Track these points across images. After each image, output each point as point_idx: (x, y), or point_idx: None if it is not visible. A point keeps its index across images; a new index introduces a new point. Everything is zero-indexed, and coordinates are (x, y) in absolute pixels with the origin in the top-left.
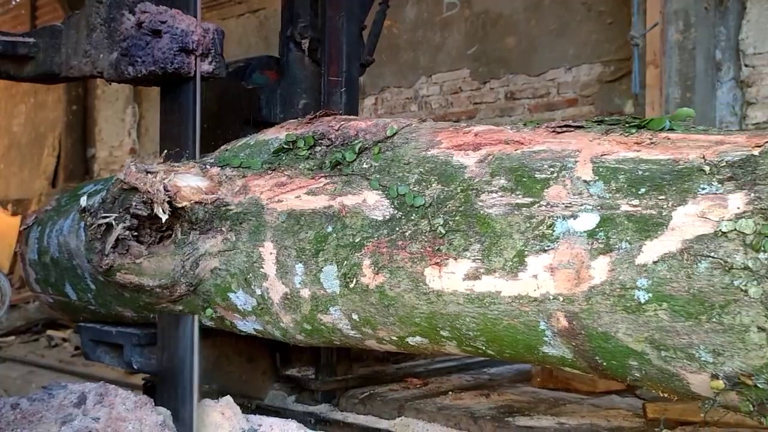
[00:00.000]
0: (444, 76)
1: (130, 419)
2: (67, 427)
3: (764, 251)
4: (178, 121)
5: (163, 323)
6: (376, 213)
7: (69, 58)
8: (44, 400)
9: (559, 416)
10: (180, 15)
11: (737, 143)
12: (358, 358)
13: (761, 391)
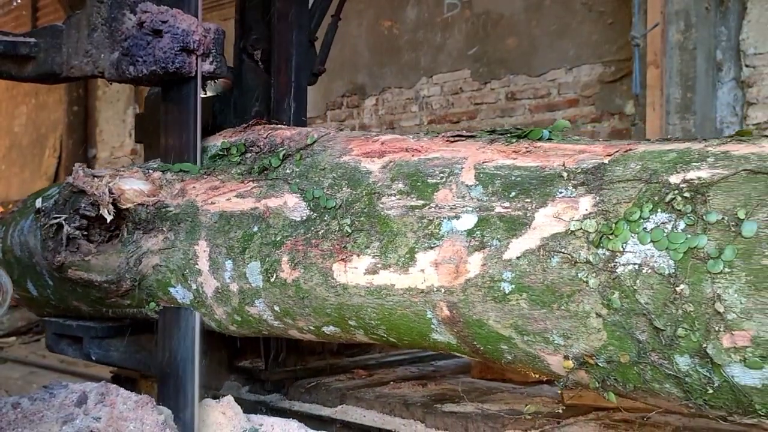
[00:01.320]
0: (445, 76)
1: (131, 419)
2: (68, 426)
3: (602, 247)
4: (179, 120)
5: (164, 323)
6: (295, 214)
7: (70, 58)
8: (45, 399)
9: (485, 403)
10: (181, 15)
11: (594, 152)
12: (313, 351)
13: (602, 369)
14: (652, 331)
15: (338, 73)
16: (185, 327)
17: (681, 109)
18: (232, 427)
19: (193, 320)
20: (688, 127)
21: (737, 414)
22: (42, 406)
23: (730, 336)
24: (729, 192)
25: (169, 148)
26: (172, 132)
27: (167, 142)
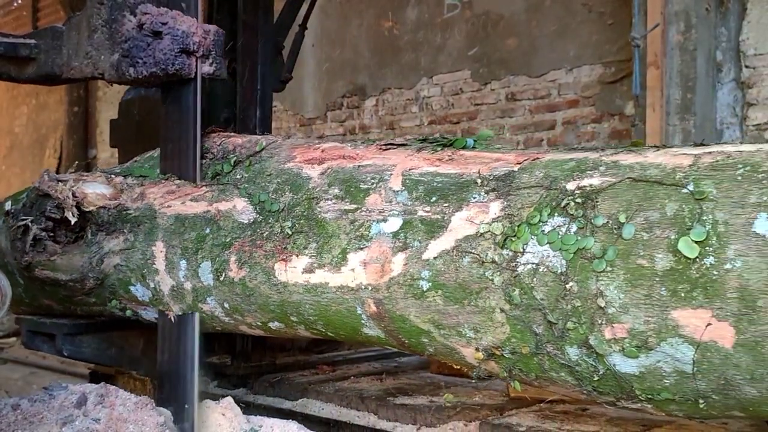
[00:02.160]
0: (445, 77)
1: (130, 420)
2: (67, 428)
3: (506, 248)
4: (178, 122)
5: (163, 324)
6: (243, 217)
7: (70, 60)
8: (45, 400)
9: (437, 396)
10: (181, 16)
11: (507, 161)
12: (283, 348)
13: (508, 359)
14: (547, 325)
15: (338, 74)
16: (185, 328)
17: (681, 109)
18: (231, 428)
19: (193, 321)
20: (688, 128)
21: (623, 399)
22: (41, 408)
23: (611, 328)
24: (614, 198)
25: (168, 149)
26: (172, 133)
27: (167, 142)
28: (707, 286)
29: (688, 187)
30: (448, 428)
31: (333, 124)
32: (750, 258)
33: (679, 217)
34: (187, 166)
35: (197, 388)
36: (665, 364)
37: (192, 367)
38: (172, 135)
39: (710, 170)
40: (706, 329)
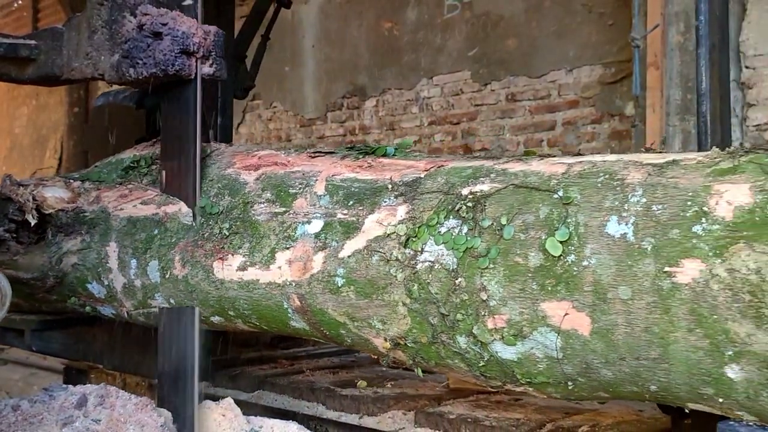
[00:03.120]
0: (445, 77)
1: (130, 421)
2: (67, 428)
3: (408, 247)
4: (178, 123)
5: (163, 324)
6: (187, 219)
7: (70, 60)
8: (45, 401)
9: (380, 388)
10: (181, 17)
11: (417, 167)
12: (248, 343)
13: (411, 348)
14: (441, 317)
15: (338, 75)
16: (184, 327)
17: (681, 110)
18: (231, 428)
19: (193, 320)
20: (688, 128)
21: (508, 383)
22: (42, 409)
23: (492, 319)
24: (499, 202)
25: (168, 149)
26: (172, 133)
27: (167, 143)
28: (568, 281)
29: (559, 192)
30: (388, 417)
31: (333, 125)
32: (602, 256)
33: (549, 220)
34: (187, 166)
35: (197, 389)
36: (538, 350)
37: (192, 368)
38: (172, 136)
39: (578, 178)
40: (568, 319)
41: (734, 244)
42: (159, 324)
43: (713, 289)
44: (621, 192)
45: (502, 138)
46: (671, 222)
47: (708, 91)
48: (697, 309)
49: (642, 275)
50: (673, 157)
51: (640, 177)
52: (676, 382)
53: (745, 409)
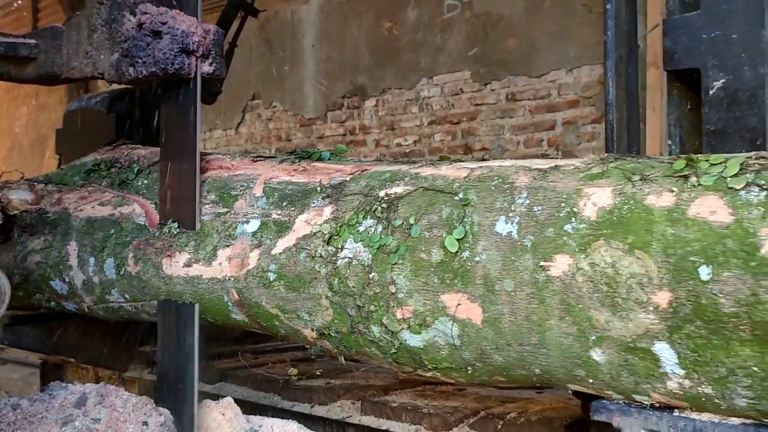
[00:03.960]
0: (445, 77)
1: (130, 420)
2: (67, 427)
3: (331, 245)
4: (178, 122)
5: (162, 323)
6: (141, 219)
7: (70, 59)
8: (45, 400)
9: (334, 379)
10: (180, 16)
11: (344, 171)
12: (217, 338)
13: (334, 338)
14: (357, 308)
15: (338, 75)
16: (184, 326)
17: None
18: (231, 428)
19: (193, 319)
20: None
21: (418, 369)
22: (41, 408)
23: (401, 310)
24: (410, 204)
25: (168, 149)
26: (172, 133)
27: (166, 142)
28: (464, 275)
29: (459, 195)
30: (337, 406)
31: (333, 125)
32: (491, 252)
33: (450, 219)
34: (187, 166)
35: (197, 388)
36: (439, 338)
37: (191, 367)
38: (172, 135)
39: (476, 181)
40: (463, 309)
41: (596, 241)
42: (158, 322)
43: (578, 281)
44: (510, 194)
45: (502, 138)
46: (548, 221)
47: (615, 101)
48: (566, 299)
49: (522, 269)
50: (555, 163)
51: (526, 181)
52: (554, 365)
53: (611, 389)
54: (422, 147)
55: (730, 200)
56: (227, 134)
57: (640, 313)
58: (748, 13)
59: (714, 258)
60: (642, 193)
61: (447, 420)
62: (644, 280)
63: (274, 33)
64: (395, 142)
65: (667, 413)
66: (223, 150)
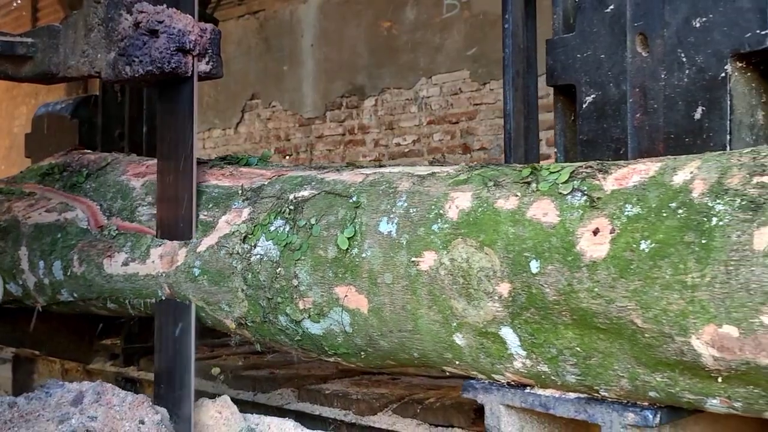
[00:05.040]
0: (444, 77)
1: (127, 418)
2: (64, 425)
3: (247, 243)
4: (175, 121)
5: (159, 322)
6: (84, 223)
7: (67, 58)
8: (41, 399)
9: (279, 369)
10: (177, 15)
11: (265, 176)
12: None
13: (251, 327)
14: (267, 300)
15: (337, 74)
16: (181, 325)
17: None
18: (228, 426)
19: (189, 318)
20: None
21: (322, 355)
22: (38, 406)
23: (302, 301)
24: (313, 206)
25: (164, 148)
26: (168, 132)
27: (163, 142)
28: (353, 269)
29: (353, 198)
30: (277, 394)
31: (332, 124)
32: (375, 249)
33: (344, 220)
34: (184, 166)
35: (194, 386)
36: (335, 326)
37: (188, 365)
38: (168, 134)
39: (368, 186)
40: (353, 300)
41: (455, 239)
42: (155, 321)
43: (441, 275)
44: (393, 198)
45: (500, 137)
46: (420, 222)
47: (512, 112)
48: (432, 290)
49: (399, 264)
50: (433, 170)
51: (407, 186)
52: (428, 349)
53: (474, 370)
54: (421, 147)
55: (559, 204)
56: (226, 134)
57: (488, 302)
58: (613, 36)
59: (542, 254)
60: (494, 197)
61: (373, 405)
62: (490, 273)
63: (273, 33)
64: (394, 142)
65: (519, 390)
66: (221, 150)
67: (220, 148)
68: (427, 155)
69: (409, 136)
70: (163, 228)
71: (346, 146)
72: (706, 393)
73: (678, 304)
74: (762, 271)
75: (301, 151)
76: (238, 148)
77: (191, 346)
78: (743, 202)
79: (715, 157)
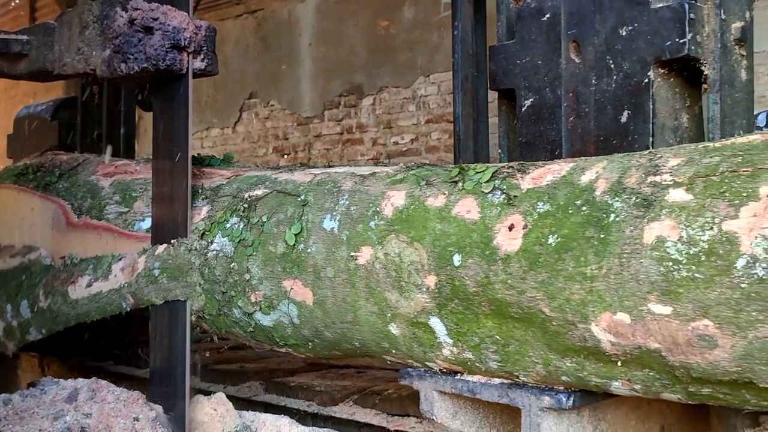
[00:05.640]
0: (442, 76)
1: (122, 415)
2: (59, 422)
3: (204, 239)
4: (170, 118)
5: (155, 321)
6: (48, 260)
7: (62, 56)
8: (36, 396)
9: (249, 363)
10: (172, 12)
11: (224, 176)
12: None
13: (208, 320)
14: (222, 294)
15: (335, 73)
16: (176, 325)
17: None
18: (223, 423)
19: (184, 318)
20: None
21: (274, 345)
22: (33, 403)
23: (254, 294)
24: (265, 204)
25: (160, 146)
26: (164, 129)
27: (158, 140)
28: (299, 264)
29: (302, 197)
30: (246, 386)
31: (330, 123)
32: (319, 244)
33: (292, 217)
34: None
35: (189, 383)
36: (284, 318)
37: (183, 363)
38: (164, 132)
39: (316, 185)
40: (299, 293)
41: (389, 234)
42: (151, 320)
43: (377, 268)
44: (336, 196)
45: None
46: (359, 219)
47: (461, 115)
48: (369, 283)
49: (340, 258)
50: (374, 170)
51: (350, 185)
52: (367, 340)
53: (410, 358)
54: (419, 145)
55: (481, 201)
56: (224, 133)
57: (418, 293)
58: (549, 43)
59: (464, 248)
60: (425, 195)
61: (334, 396)
62: (419, 266)
63: (271, 32)
64: (392, 141)
65: (450, 377)
66: (219, 149)
67: (219, 148)
68: (425, 154)
69: (408, 135)
70: (159, 227)
71: (344, 145)
72: (610, 376)
73: (579, 294)
74: (650, 262)
75: (299, 150)
76: (236, 147)
77: (186, 343)
78: (637, 199)
79: (619, 159)
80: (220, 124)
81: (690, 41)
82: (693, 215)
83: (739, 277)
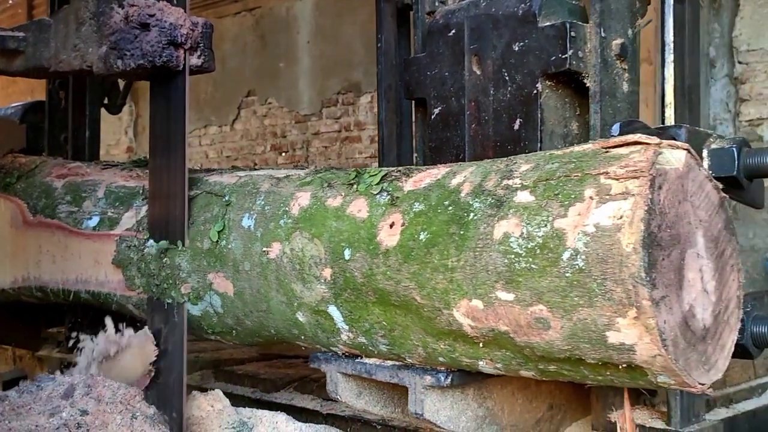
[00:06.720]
0: None
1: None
2: (55, 418)
3: (141, 237)
4: (167, 115)
5: (152, 320)
6: None
7: (58, 53)
8: (33, 392)
9: (203, 353)
10: (168, 8)
11: None
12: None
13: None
14: (157, 285)
15: (333, 71)
16: (173, 322)
17: None
18: (220, 420)
19: (181, 315)
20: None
21: (202, 334)
22: (29, 399)
23: (184, 286)
24: (196, 204)
25: (156, 143)
26: (160, 126)
27: (155, 138)
28: (221, 258)
29: (226, 197)
30: (198, 375)
31: (328, 121)
32: (238, 241)
33: (217, 216)
34: (176, 159)
35: (185, 380)
36: (210, 308)
37: (180, 358)
38: (160, 129)
39: (239, 187)
40: (222, 285)
41: (294, 231)
42: (148, 318)
43: (284, 262)
44: (254, 197)
45: None
46: (272, 217)
47: (385, 120)
48: (279, 276)
49: (255, 253)
50: (289, 173)
51: (267, 186)
52: (280, 327)
53: (316, 343)
54: None
55: (370, 202)
56: (222, 130)
57: (317, 284)
58: (455, 56)
59: (353, 243)
60: (326, 196)
61: (276, 384)
62: (318, 260)
63: (268, 29)
64: None
65: (352, 360)
66: (217, 147)
67: (217, 145)
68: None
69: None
70: (155, 227)
71: (343, 143)
72: (476, 357)
73: (443, 284)
74: (497, 255)
75: (297, 148)
76: (234, 144)
77: (183, 340)
78: (492, 200)
79: (484, 164)
80: (218, 121)
81: (571, 56)
82: (533, 214)
83: (564, 267)
